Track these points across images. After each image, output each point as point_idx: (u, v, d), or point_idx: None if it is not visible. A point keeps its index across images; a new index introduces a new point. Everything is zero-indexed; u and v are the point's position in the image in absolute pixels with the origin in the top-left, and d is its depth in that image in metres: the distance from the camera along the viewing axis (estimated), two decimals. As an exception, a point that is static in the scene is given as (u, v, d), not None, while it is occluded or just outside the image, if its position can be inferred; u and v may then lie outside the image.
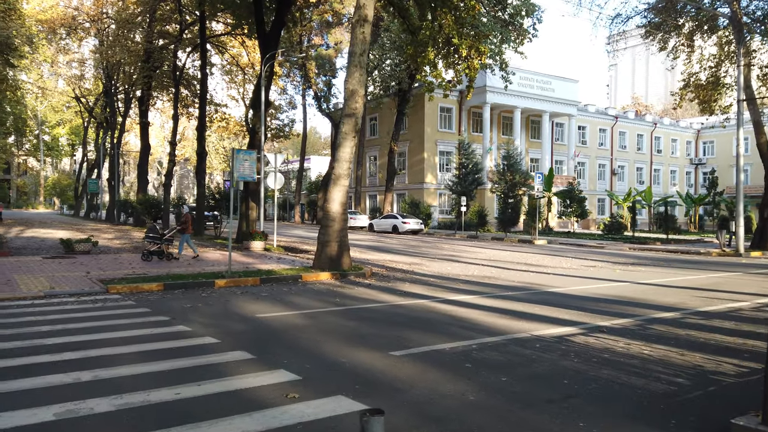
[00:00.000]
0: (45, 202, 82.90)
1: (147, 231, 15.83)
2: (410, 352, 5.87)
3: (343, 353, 5.86)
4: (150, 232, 15.59)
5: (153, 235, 15.45)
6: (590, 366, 5.43)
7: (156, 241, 15.38)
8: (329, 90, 48.38)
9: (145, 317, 7.87)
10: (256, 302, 9.44)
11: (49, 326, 7.06)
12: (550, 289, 11.49)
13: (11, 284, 10.60)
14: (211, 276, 12.02)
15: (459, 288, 11.55)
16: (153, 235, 15.43)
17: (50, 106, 68.20)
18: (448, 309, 8.87)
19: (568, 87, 48.54)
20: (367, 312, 8.61)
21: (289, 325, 7.47)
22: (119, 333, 6.73)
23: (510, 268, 16.03)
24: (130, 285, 10.56)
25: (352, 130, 13.57)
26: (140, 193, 37.05)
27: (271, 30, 22.42)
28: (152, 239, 15.42)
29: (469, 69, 20.65)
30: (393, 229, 35.26)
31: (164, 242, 15.50)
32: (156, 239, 15.39)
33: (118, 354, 5.70)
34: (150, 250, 15.30)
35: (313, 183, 58.86)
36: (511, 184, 31.92)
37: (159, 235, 15.42)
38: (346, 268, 13.75)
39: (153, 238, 15.41)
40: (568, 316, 8.32)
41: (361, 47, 13.37)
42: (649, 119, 61.86)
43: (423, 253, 20.86)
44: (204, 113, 28.31)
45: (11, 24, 27.76)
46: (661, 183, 60.94)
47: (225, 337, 6.58)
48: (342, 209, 13.88)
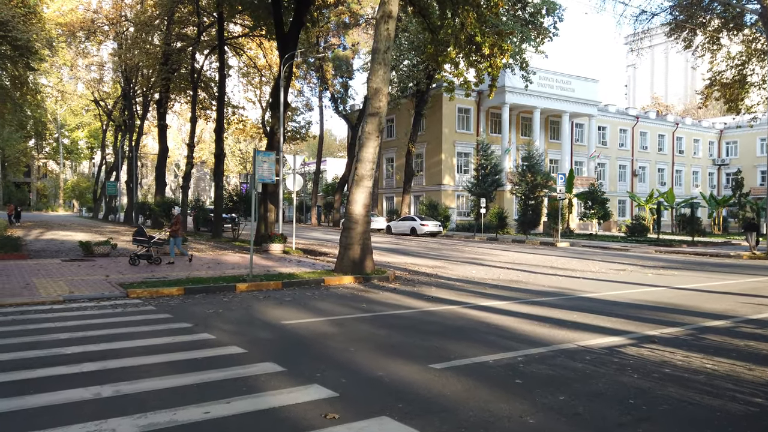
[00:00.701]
0: (64, 205, 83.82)
1: (134, 233, 14.58)
2: (452, 365, 5.44)
3: (380, 365, 5.45)
4: (137, 234, 14.38)
5: (140, 237, 14.24)
6: (653, 382, 4.95)
7: (144, 243, 14.23)
8: (346, 91, 48.16)
9: (167, 324, 7.54)
10: (279, 307, 9.08)
11: (68, 333, 6.76)
12: (584, 295, 10.98)
13: (30, 288, 10.37)
14: (232, 280, 11.70)
15: (488, 293, 11.09)
16: (140, 238, 14.22)
17: (69, 109, 69.01)
18: (481, 316, 8.42)
19: (588, 87, 47.74)
20: (397, 319, 8.19)
21: (317, 333, 7.08)
22: (140, 341, 6.39)
23: (536, 271, 15.51)
24: (150, 289, 10.27)
25: (376, 130, 13.18)
26: (158, 195, 37.08)
27: (290, 30, 22.15)
28: (140, 242, 14.22)
29: (491, 68, 20.17)
30: (411, 231, 34.81)
31: (153, 245, 14.37)
32: (144, 242, 14.22)
33: (140, 365, 5.35)
34: (138, 254, 14.15)
35: (330, 185, 58.66)
36: (532, 186, 31.29)
37: (147, 237, 14.30)
38: (369, 272, 13.36)
39: (140, 240, 14.21)
40: (612, 324, 7.82)
41: (385, 44, 12.99)
42: (670, 119, 60.67)
43: (444, 256, 20.40)
44: (222, 115, 28.15)
45: (31, 27, 27.87)
46: (683, 184, 59.71)
47: (251, 347, 6.21)
48: (365, 211, 13.49)
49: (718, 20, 31.26)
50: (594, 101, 48.08)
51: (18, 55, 27.75)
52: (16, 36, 25.47)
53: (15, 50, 26.95)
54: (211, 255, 18.21)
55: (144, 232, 14.49)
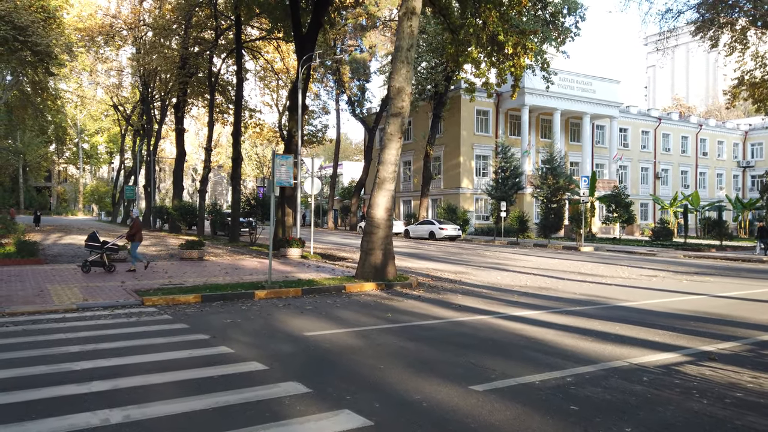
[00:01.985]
0: (84, 209, 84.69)
1: (87, 238, 13.60)
2: (495, 387, 4.91)
3: (415, 387, 4.94)
4: (90, 240, 13.40)
5: (92, 243, 13.30)
6: (729, 410, 4.38)
7: (96, 249, 13.29)
8: (363, 94, 47.79)
9: (183, 335, 7.12)
10: (300, 317, 8.63)
11: (79, 346, 6.37)
12: (621, 303, 10.36)
13: (44, 295, 10.06)
14: (250, 287, 11.28)
15: (517, 301, 10.52)
16: (92, 243, 13.30)
17: (89, 114, 69.74)
18: (516, 327, 7.87)
19: (609, 88, 46.80)
20: (426, 330, 7.68)
21: (343, 346, 6.60)
22: (154, 356, 5.97)
23: (564, 278, 14.88)
24: (167, 297, 9.90)
25: (398, 131, 12.70)
26: (175, 199, 37.00)
27: (308, 32, 21.83)
28: (92, 248, 13.27)
29: (514, 67, 19.62)
30: (430, 235, 34.25)
31: (106, 251, 13.42)
32: (96, 248, 13.28)
33: (153, 384, 4.92)
34: (90, 261, 13.27)
35: (346, 189, 58.33)
36: (554, 189, 30.54)
37: (100, 243, 13.38)
38: (392, 278, 12.87)
39: (93, 246, 13.25)
40: (660, 338, 7.22)
41: (409, 41, 12.51)
42: (693, 120, 59.32)
43: (466, 261, 19.83)
44: (239, 118, 27.92)
45: (50, 33, 27.95)
46: (707, 187, 58.30)
47: (273, 362, 5.75)
48: (387, 215, 13.02)
49: (745, 18, 30.33)
50: (615, 102, 47.12)
51: (38, 60, 27.85)
52: (35, 41, 25.53)
53: (35, 56, 27.04)
54: (228, 260, 17.87)
55: (97, 237, 13.53)
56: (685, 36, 52.51)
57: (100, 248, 13.37)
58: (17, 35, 24.84)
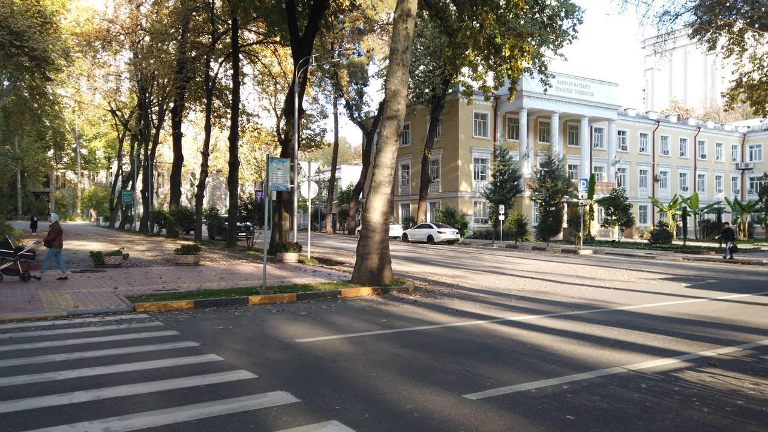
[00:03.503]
0: (82, 214, 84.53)
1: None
2: (489, 395, 4.77)
3: (407, 395, 4.80)
4: (1, 246, 12.75)
5: (4, 250, 12.62)
6: (730, 419, 4.24)
7: (8, 257, 12.63)
8: (361, 98, 47.73)
9: (173, 343, 6.97)
10: (294, 323, 8.48)
11: (66, 355, 6.22)
12: (620, 307, 10.22)
13: (34, 302, 9.91)
14: (244, 292, 11.15)
15: (515, 306, 10.39)
16: (3, 250, 12.60)
17: (87, 120, 69.66)
18: (512, 333, 7.73)
19: (607, 90, 46.76)
20: (421, 336, 7.54)
21: (335, 353, 6.46)
22: (141, 365, 5.82)
23: (563, 281, 14.75)
24: (159, 303, 9.75)
25: (394, 134, 12.59)
26: (173, 204, 36.87)
27: (305, 35, 21.75)
28: (3, 254, 12.62)
29: (512, 70, 19.54)
30: (428, 239, 34.11)
31: (19, 259, 12.65)
32: (8, 254, 12.60)
33: (138, 395, 4.77)
34: (2, 268, 12.57)
35: (344, 193, 58.21)
36: (553, 192, 30.42)
37: (13, 249, 12.71)
38: (388, 283, 12.73)
39: (4, 253, 12.60)
40: (659, 342, 7.08)
41: (404, 43, 12.41)
42: (692, 123, 59.29)
43: (464, 265, 19.70)
44: (236, 122, 27.82)
45: (47, 38, 27.86)
46: (706, 189, 58.21)
47: (262, 371, 5.60)
48: (383, 219, 12.89)
49: (742, 20, 30.28)
50: (614, 105, 47.07)
51: (35, 65, 27.78)
52: (32, 46, 25.45)
53: (32, 61, 26.96)
54: (224, 265, 17.73)
55: (9, 243, 12.88)
56: (682, 39, 52.55)
57: (14, 255, 12.66)
58: (13, 40, 24.75)
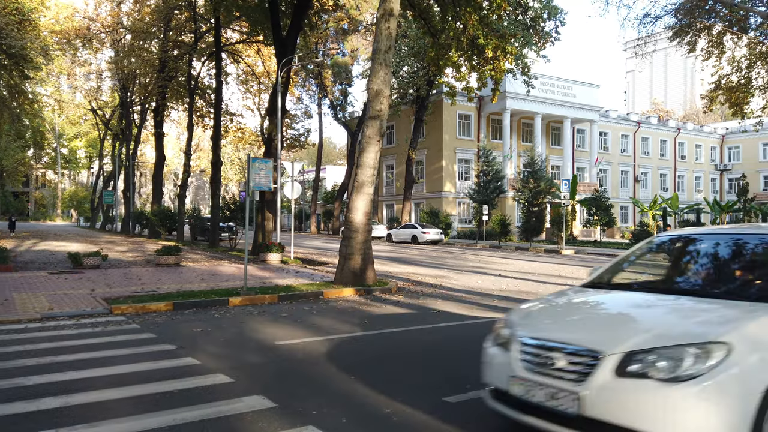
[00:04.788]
0: (62, 215, 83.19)
1: None
2: (469, 398, 4.74)
3: (386, 399, 4.74)
4: None
5: None
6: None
7: None
8: (345, 98, 47.67)
9: (148, 346, 6.84)
10: (274, 325, 8.38)
11: (37, 359, 6.06)
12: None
13: (7, 304, 9.67)
14: (225, 293, 11.00)
15: (497, 306, 10.39)
16: None
17: (67, 119, 68.58)
18: (494, 333, 7.71)
19: (589, 92, 47.27)
20: (402, 337, 7.49)
21: (314, 355, 6.38)
22: (115, 369, 5.69)
23: (545, 281, 14.83)
24: (137, 305, 9.57)
25: (377, 134, 12.53)
26: (155, 204, 36.42)
27: (288, 34, 21.60)
28: None
29: (495, 71, 19.61)
30: (412, 239, 34.13)
31: None
32: None
33: (109, 401, 4.65)
34: None
35: (329, 193, 58.07)
36: (536, 192, 30.63)
37: None
38: (371, 283, 12.67)
39: None
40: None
41: (386, 43, 12.36)
42: (672, 125, 60.21)
43: (447, 265, 19.71)
44: (219, 122, 27.56)
45: (26, 35, 27.34)
46: (686, 190, 59.11)
47: (239, 374, 5.51)
48: (366, 219, 12.82)
49: (721, 23, 30.74)
50: (595, 107, 47.60)
51: (13, 63, 27.21)
52: (10, 44, 24.93)
53: (10, 58, 26.41)
54: (206, 266, 17.52)
55: None
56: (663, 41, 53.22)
57: None
58: (-10, 37, 24.24)
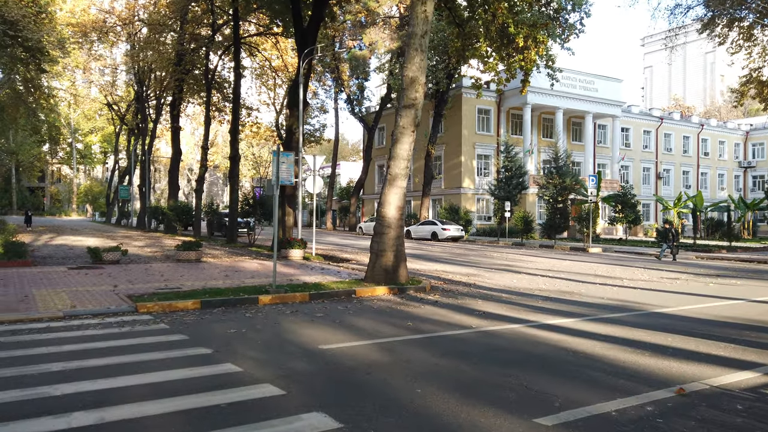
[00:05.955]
0: (78, 210, 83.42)
1: None
2: (565, 420, 4.07)
3: (467, 419, 4.10)
4: None
5: None
6: None
7: None
8: (362, 93, 46.97)
9: (182, 349, 6.25)
10: (312, 326, 7.77)
11: (63, 363, 5.49)
12: (657, 310, 9.56)
13: (28, 301, 9.16)
14: (253, 291, 10.42)
15: (543, 307, 9.71)
16: None
17: (83, 114, 68.57)
18: (556, 339, 7.04)
19: (611, 87, 46.15)
20: (456, 342, 6.84)
21: (366, 362, 5.75)
22: (149, 376, 5.10)
23: (582, 280, 14.09)
24: (162, 303, 9.01)
25: (411, 124, 11.87)
26: (171, 199, 36.03)
27: (309, 25, 20.98)
28: None
29: (525, 61, 18.89)
30: (432, 236, 33.42)
31: None
32: None
33: (149, 417, 4.05)
34: None
35: (344, 189, 57.47)
36: (561, 188, 29.76)
37: None
38: (404, 282, 12.03)
39: None
40: (724, 351, 6.40)
41: (423, 27, 11.68)
42: (695, 120, 58.77)
43: (474, 263, 19.02)
44: (237, 115, 27.03)
45: (42, 28, 27.02)
46: (709, 187, 57.71)
47: (290, 385, 4.88)
48: (398, 214, 12.18)
49: (753, 15, 29.63)
50: (618, 102, 46.48)
51: (30, 56, 26.90)
52: (27, 36, 24.58)
53: (26, 52, 26.09)
54: (227, 261, 16.99)
55: None
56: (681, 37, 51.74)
57: None
58: (7, 30, 23.86)
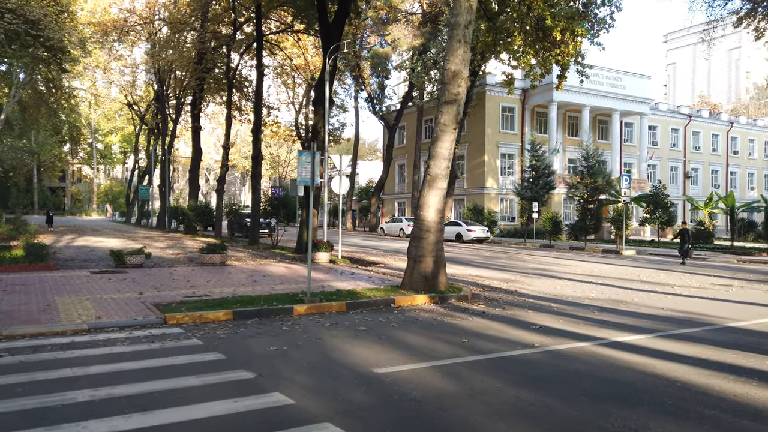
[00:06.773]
0: (98, 209, 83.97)
1: None
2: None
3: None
4: None
5: None
6: None
7: None
8: (382, 91, 46.28)
9: (220, 372, 5.57)
10: (357, 343, 7.05)
11: (90, 391, 4.84)
12: (731, 324, 8.69)
13: (50, 311, 8.58)
14: (286, 300, 9.74)
15: (602, 320, 8.90)
16: None
17: (103, 114, 68.88)
18: (636, 362, 6.24)
19: (639, 83, 44.85)
20: (526, 367, 6.07)
21: (433, 393, 5.00)
22: (191, 411, 4.41)
23: (631, 287, 13.21)
24: (193, 314, 8.37)
25: (453, 121, 11.10)
26: (191, 199, 35.67)
27: (334, 20, 20.31)
28: None
29: (561, 55, 18.05)
30: (457, 237, 32.59)
31: None
32: None
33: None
34: None
35: (363, 189, 56.85)
36: (593, 189, 28.72)
37: None
38: (443, 289, 11.27)
39: None
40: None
41: (467, 17, 10.92)
42: (724, 118, 57.03)
43: (507, 267, 18.19)
44: (259, 114, 26.49)
45: (63, 27, 26.78)
46: (738, 186, 55.95)
47: (353, 424, 4.17)
48: (438, 217, 11.46)
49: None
50: (646, 99, 45.18)
51: (51, 56, 26.67)
52: (48, 35, 24.29)
53: (48, 51, 25.85)
54: (252, 264, 16.40)
55: None
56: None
57: None
58: (29, 29, 23.58)
